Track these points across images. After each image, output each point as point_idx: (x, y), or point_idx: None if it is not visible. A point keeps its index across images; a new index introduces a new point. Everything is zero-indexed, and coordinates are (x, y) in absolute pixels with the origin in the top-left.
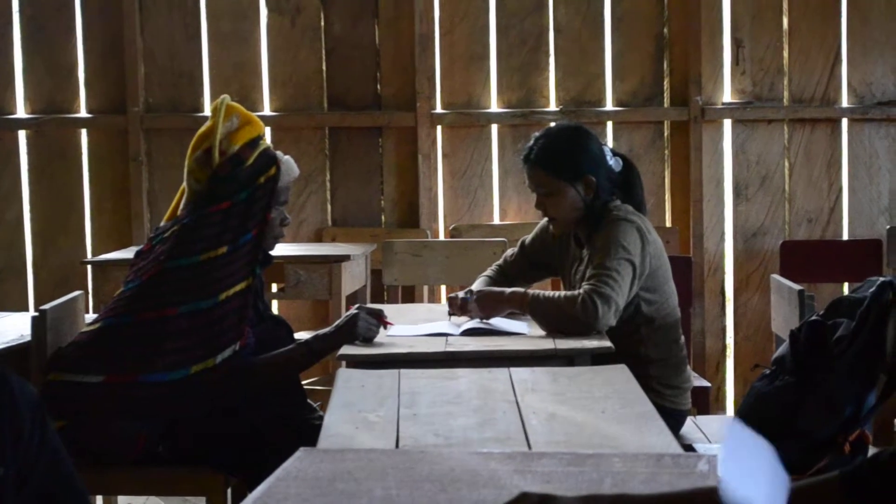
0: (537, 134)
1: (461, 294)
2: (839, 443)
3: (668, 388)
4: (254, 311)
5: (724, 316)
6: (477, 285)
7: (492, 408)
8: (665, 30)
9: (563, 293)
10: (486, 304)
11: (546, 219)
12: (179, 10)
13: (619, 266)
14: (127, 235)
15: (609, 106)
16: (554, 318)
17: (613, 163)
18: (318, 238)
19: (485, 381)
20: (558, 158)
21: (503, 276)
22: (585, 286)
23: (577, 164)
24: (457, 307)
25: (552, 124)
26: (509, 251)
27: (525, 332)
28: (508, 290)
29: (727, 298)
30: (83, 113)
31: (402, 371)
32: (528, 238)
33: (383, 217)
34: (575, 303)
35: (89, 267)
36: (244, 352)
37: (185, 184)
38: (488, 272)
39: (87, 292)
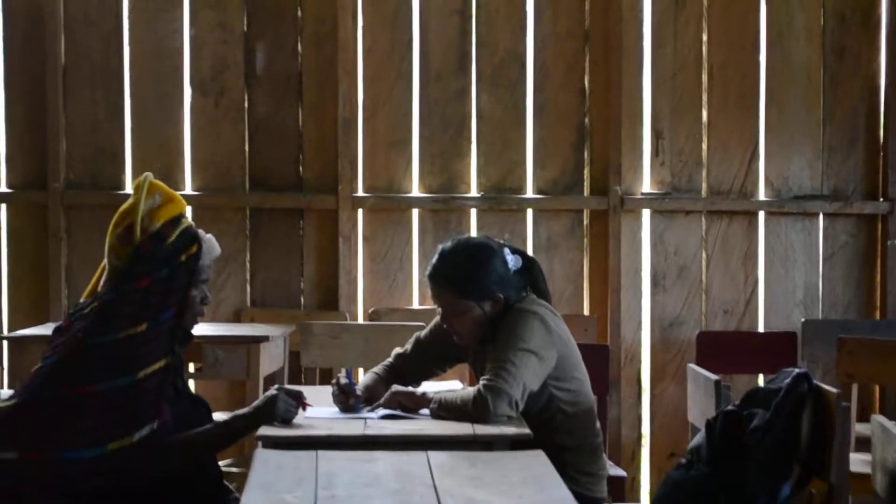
0: (442, 249)
1: (343, 378)
2: None
3: (584, 476)
4: (173, 389)
5: (640, 405)
6: (364, 381)
7: (409, 491)
8: (586, 120)
9: (461, 394)
10: (408, 402)
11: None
12: (103, 88)
13: (514, 357)
14: (44, 312)
15: (529, 193)
16: (456, 419)
17: (512, 261)
18: (236, 318)
19: (403, 464)
20: (466, 280)
21: (393, 373)
22: (480, 382)
23: (484, 285)
24: (345, 400)
25: (457, 238)
26: (398, 348)
27: None
28: (419, 390)
29: (643, 388)
30: (3, 188)
31: (320, 452)
32: (424, 333)
33: (302, 299)
34: (468, 402)
35: (6, 342)
36: (162, 430)
37: (105, 261)
38: (377, 369)
39: (2, 368)
